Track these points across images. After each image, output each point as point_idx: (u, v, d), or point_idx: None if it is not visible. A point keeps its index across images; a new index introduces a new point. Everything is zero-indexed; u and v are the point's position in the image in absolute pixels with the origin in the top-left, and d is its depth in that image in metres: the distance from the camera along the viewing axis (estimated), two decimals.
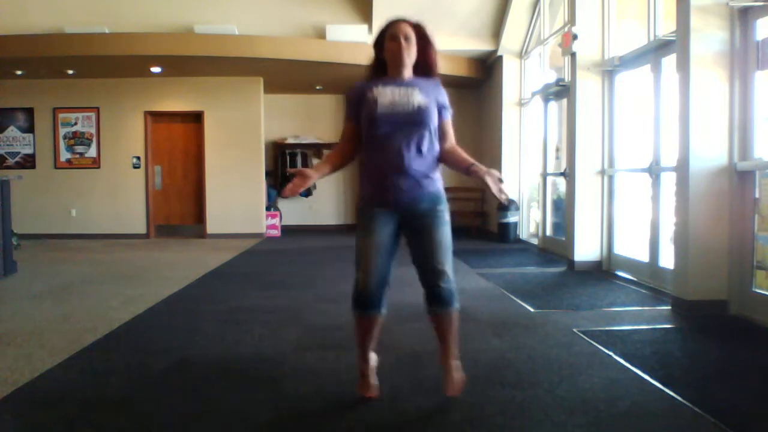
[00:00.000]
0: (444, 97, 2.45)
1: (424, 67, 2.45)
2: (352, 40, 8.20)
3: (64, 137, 9.46)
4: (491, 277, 5.56)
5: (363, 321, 2.43)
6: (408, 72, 2.43)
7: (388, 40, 2.39)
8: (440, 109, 2.42)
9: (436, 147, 2.42)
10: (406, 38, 2.38)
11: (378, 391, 2.51)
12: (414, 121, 2.33)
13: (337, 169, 2.50)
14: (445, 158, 2.44)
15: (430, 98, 2.38)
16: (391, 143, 2.33)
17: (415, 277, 2.42)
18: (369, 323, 2.43)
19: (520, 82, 8.79)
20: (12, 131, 9.47)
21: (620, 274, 5.60)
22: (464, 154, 2.41)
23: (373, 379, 2.54)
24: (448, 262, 2.38)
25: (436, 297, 2.38)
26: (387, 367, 2.81)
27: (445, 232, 2.40)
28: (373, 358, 2.57)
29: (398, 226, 2.40)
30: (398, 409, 2.43)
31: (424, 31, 2.43)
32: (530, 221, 8.93)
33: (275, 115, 10.34)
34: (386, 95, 2.35)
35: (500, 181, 2.20)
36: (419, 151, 2.35)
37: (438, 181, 2.44)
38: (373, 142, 2.38)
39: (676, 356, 3.12)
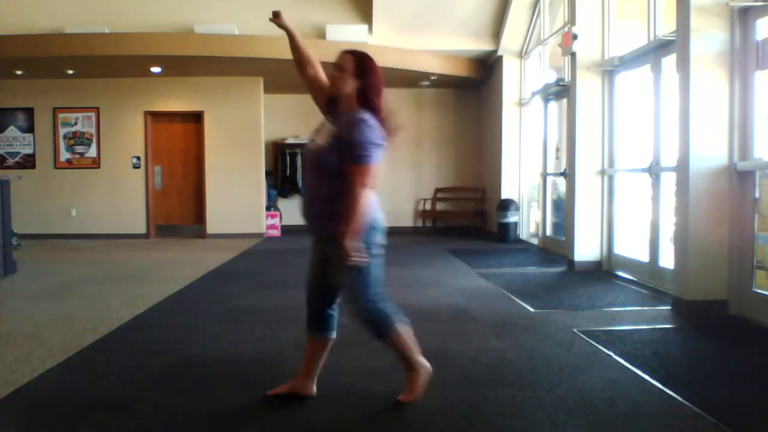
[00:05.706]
0: (356, 135, 2.20)
1: (364, 98, 2.34)
2: (352, 40, 8.19)
3: (64, 137, 9.46)
4: (491, 277, 5.56)
5: (307, 340, 2.55)
6: (346, 102, 2.35)
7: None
8: (343, 150, 2.24)
9: (343, 189, 2.24)
10: (340, 69, 2.36)
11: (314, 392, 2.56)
12: (318, 160, 2.36)
13: (299, 53, 2.65)
14: None
15: (336, 138, 2.27)
16: (309, 178, 2.44)
17: (415, 278, 2.42)
18: (311, 344, 2.53)
19: (520, 82, 8.79)
20: (12, 131, 9.46)
21: (620, 274, 5.60)
22: (347, 205, 2.21)
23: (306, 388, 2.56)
24: (348, 296, 2.40)
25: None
26: (387, 367, 2.81)
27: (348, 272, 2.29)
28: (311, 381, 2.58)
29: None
30: (398, 408, 2.43)
31: (364, 62, 2.36)
32: (530, 221, 8.93)
33: (275, 115, 10.32)
34: (317, 131, 2.43)
35: (351, 253, 2.19)
36: (323, 190, 2.34)
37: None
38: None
39: (676, 356, 3.12)
